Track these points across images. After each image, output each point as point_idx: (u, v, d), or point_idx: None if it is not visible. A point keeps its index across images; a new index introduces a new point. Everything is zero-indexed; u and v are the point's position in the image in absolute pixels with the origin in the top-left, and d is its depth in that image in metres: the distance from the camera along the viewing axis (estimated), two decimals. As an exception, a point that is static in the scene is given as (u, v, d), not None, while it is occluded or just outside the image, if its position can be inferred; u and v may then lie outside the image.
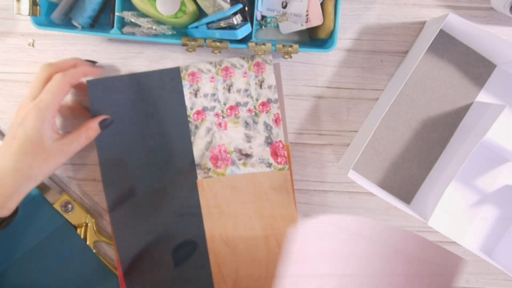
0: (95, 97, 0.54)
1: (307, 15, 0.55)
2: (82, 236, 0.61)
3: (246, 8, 0.56)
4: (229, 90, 0.58)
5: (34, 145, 0.45)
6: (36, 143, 0.45)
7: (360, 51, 0.61)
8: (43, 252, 0.59)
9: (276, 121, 0.58)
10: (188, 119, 0.58)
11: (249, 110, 0.58)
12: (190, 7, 0.55)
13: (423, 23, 0.61)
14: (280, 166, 0.58)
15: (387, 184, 0.62)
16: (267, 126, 0.58)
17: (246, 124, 0.58)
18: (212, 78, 0.58)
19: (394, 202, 0.57)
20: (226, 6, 0.53)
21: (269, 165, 0.58)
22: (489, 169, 0.62)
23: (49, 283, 0.58)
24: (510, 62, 0.58)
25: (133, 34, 0.56)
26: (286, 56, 0.55)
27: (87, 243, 0.61)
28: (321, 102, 0.62)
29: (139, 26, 0.56)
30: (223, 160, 0.58)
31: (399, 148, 0.62)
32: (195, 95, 0.57)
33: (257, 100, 0.58)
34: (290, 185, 0.58)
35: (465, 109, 0.61)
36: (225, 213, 0.58)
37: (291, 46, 0.55)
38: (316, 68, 0.61)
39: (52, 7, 0.56)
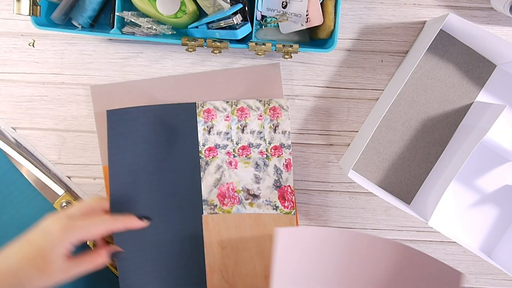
0: (112, 127, 0.55)
1: (307, 15, 0.55)
2: (82, 236, 0.61)
3: (246, 8, 0.56)
4: (242, 130, 0.59)
5: (41, 257, 0.46)
6: (44, 257, 0.46)
7: (360, 51, 0.61)
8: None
9: (287, 166, 0.59)
10: (200, 155, 0.58)
11: (261, 152, 0.59)
12: (190, 7, 0.55)
13: (423, 23, 0.61)
14: (286, 210, 0.59)
15: (387, 184, 0.62)
16: (277, 170, 0.59)
17: (257, 165, 0.59)
18: (227, 117, 0.58)
19: (394, 202, 0.57)
20: (226, 6, 0.53)
21: (276, 207, 0.59)
22: (489, 169, 0.62)
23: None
24: (510, 62, 0.58)
25: (133, 34, 0.56)
26: (286, 56, 0.55)
27: (87, 243, 0.61)
28: (321, 102, 0.62)
29: (139, 26, 0.56)
30: (230, 198, 0.59)
31: (399, 148, 0.62)
32: (209, 132, 0.58)
33: (270, 143, 0.59)
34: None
35: (465, 109, 0.61)
36: (227, 250, 0.58)
37: (291, 46, 0.55)
38: (316, 68, 0.62)
39: (52, 7, 0.56)
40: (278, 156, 0.59)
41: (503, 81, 0.61)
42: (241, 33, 0.53)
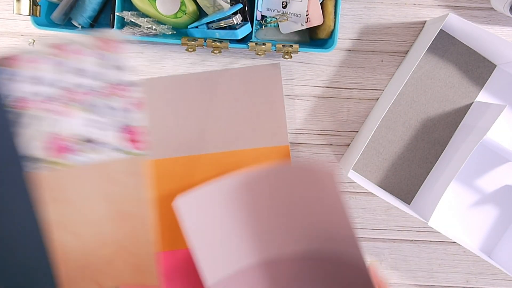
0: None
1: (307, 15, 0.55)
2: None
3: (246, 8, 0.56)
4: (65, 71, 0.51)
5: None
6: None
7: (360, 51, 0.61)
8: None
9: (132, 105, 0.52)
10: (9, 109, 0.50)
11: (91, 93, 0.51)
12: (190, 7, 0.55)
13: (423, 23, 0.61)
14: (137, 152, 0.53)
15: (387, 184, 0.62)
16: (114, 110, 0.52)
17: (89, 107, 0.51)
18: (45, 59, 0.50)
19: (394, 202, 0.57)
20: (226, 6, 0.53)
21: (118, 150, 0.53)
22: (489, 169, 0.62)
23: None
24: (510, 62, 0.58)
25: (133, 34, 0.56)
26: (286, 56, 0.55)
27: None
28: (321, 102, 0.62)
29: (139, 26, 0.56)
30: (61, 149, 0.52)
31: (399, 148, 0.62)
32: (16, 80, 0.50)
33: (101, 82, 0.51)
34: (144, 169, 0.53)
35: (465, 109, 0.61)
36: (68, 202, 0.54)
37: (291, 46, 0.55)
38: (316, 68, 0.62)
39: (52, 7, 0.56)
40: (113, 95, 0.52)
41: (503, 81, 0.61)
42: (241, 33, 0.53)
